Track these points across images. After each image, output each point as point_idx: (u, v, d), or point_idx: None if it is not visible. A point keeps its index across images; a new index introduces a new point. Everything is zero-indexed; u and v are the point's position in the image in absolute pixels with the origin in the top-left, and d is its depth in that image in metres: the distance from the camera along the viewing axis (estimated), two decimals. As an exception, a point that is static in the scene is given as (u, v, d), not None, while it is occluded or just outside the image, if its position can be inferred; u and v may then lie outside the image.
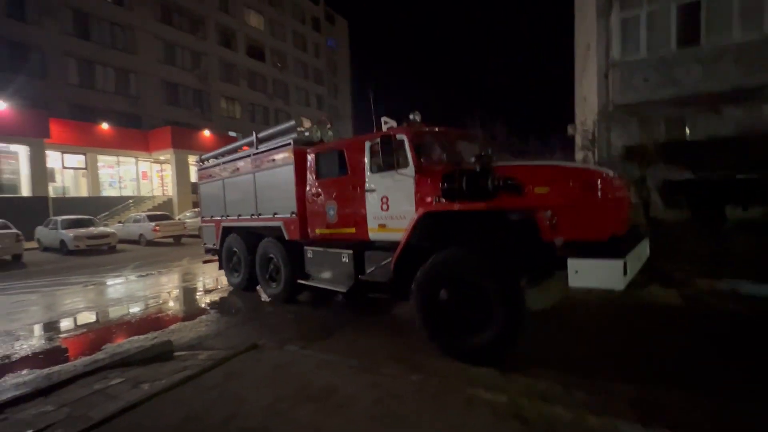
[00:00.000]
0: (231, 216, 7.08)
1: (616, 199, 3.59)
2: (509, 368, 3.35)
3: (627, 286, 3.15)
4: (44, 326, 5.60)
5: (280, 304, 6.02)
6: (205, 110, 29.86)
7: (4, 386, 3.61)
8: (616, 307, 5.23)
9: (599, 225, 3.38)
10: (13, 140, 17.69)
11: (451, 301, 3.68)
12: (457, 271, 3.67)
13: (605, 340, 4.11)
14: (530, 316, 3.53)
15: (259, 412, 2.71)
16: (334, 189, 5.22)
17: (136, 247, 15.39)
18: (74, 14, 22.66)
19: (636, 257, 3.47)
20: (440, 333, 3.76)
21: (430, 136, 4.76)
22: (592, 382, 3.07)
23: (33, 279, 9.15)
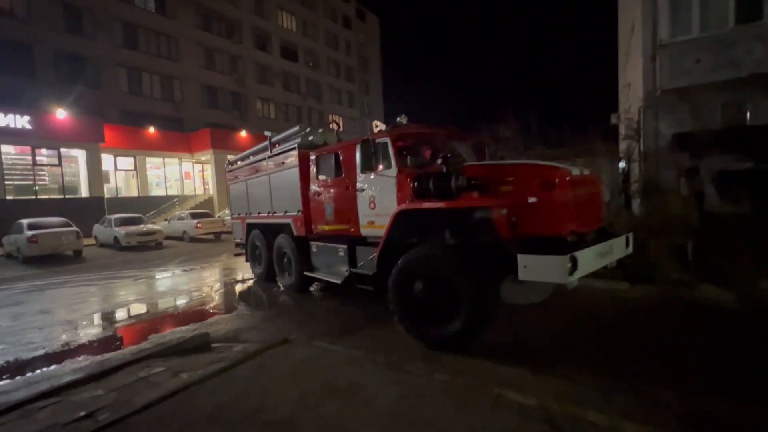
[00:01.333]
0: (253, 213, 7.72)
1: (577, 198, 3.68)
2: (541, 369, 3.21)
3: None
4: (100, 316, 6.08)
5: (312, 301, 6.18)
6: (242, 112, 31.03)
7: (64, 370, 3.95)
8: (661, 307, 4.89)
9: (555, 222, 3.54)
10: (73, 145, 19.30)
11: (424, 294, 3.87)
12: (428, 266, 3.87)
13: (648, 343, 3.85)
14: (498, 309, 3.75)
15: (286, 405, 2.79)
16: (332, 189, 5.62)
17: (180, 243, 16.31)
18: (124, 27, 24.27)
19: (596, 254, 3.55)
20: (415, 323, 3.98)
21: (414, 138, 4.97)
22: (632, 387, 2.88)
23: (91, 273, 9.96)
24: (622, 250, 4.11)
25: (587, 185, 3.95)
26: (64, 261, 12.22)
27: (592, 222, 3.98)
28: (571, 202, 3.64)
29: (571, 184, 3.68)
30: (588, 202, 3.89)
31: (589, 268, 3.43)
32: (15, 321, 5.81)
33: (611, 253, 3.86)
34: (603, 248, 3.71)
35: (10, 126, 17.03)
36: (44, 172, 18.99)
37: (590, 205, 3.93)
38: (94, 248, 15.56)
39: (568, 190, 3.63)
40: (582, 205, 3.79)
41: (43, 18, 20.94)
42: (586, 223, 3.85)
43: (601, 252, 3.67)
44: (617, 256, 4.03)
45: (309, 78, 38.03)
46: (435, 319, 3.83)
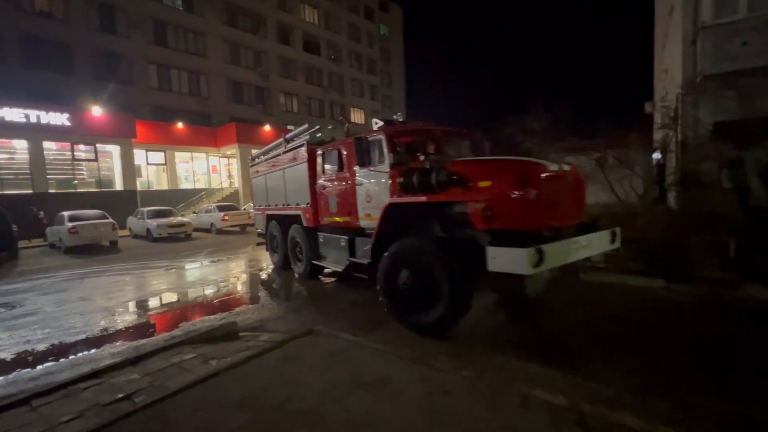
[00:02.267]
0: (271, 205, 8.26)
1: (553, 193, 3.80)
2: (570, 369, 3.12)
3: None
4: (134, 304, 6.36)
5: (336, 293, 6.25)
6: (266, 106, 31.50)
7: (104, 354, 4.16)
8: (700, 306, 4.65)
9: (529, 216, 3.69)
10: (108, 141, 20.19)
11: (409, 282, 4.12)
12: (412, 257, 4.11)
13: (686, 344, 3.67)
14: (470, 300, 3.91)
15: (313, 395, 2.82)
16: (335, 183, 5.96)
17: (208, 235, 16.84)
18: (154, 24, 25.01)
19: (568, 247, 3.66)
20: (401, 310, 4.26)
21: (408, 136, 5.30)
22: (669, 391, 2.75)
23: (126, 262, 10.44)
24: (604, 244, 4.20)
25: (565, 180, 4.06)
26: (101, 251, 12.86)
27: (571, 216, 4.09)
28: (547, 197, 3.75)
29: (548, 180, 3.82)
30: (566, 197, 4.01)
31: (559, 261, 3.59)
32: (59, 307, 6.17)
33: (589, 248, 3.95)
34: (578, 242, 3.80)
35: (52, 123, 17.98)
36: (82, 167, 19.99)
37: (569, 200, 4.05)
38: (128, 239, 16.29)
39: (543, 186, 3.75)
40: (559, 200, 3.91)
41: (81, 18, 21.86)
42: (564, 218, 3.99)
43: (576, 246, 3.77)
44: (598, 250, 4.14)
45: (331, 71, 38.11)
46: (418, 306, 4.07)
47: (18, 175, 17.74)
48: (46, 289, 7.50)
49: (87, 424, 2.62)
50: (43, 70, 20.42)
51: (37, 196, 17.57)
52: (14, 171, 17.71)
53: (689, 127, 7.90)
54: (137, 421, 2.61)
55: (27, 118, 17.28)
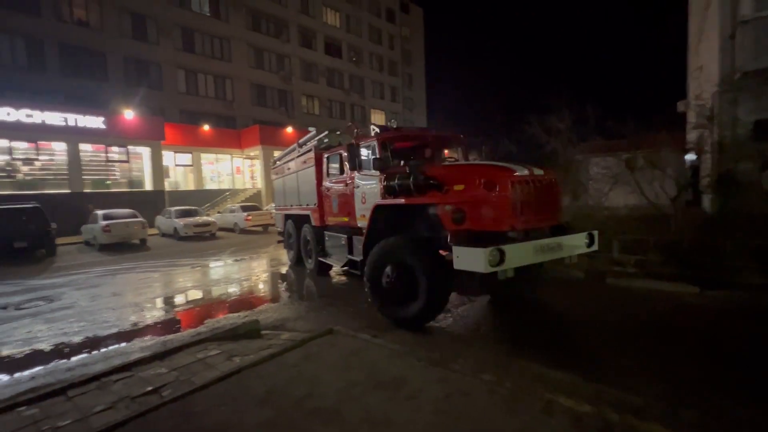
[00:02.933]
0: (288, 206, 8.76)
1: (522, 196, 4.00)
2: (595, 376, 3.02)
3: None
4: (162, 300, 6.60)
5: (355, 293, 6.27)
6: (288, 108, 32.08)
7: (133, 348, 4.34)
8: (736, 314, 4.41)
9: (497, 218, 3.91)
10: (138, 143, 21.06)
11: (392, 278, 4.42)
12: (394, 255, 4.41)
13: (720, 353, 3.48)
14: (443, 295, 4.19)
15: (333, 394, 2.84)
16: (337, 186, 6.34)
17: (232, 234, 17.27)
18: (183, 31, 25.94)
19: (533, 249, 3.84)
20: (385, 303, 4.58)
21: (399, 141, 5.68)
22: (701, 401, 2.62)
23: (154, 260, 10.84)
24: (578, 247, 4.34)
25: (536, 184, 4.21)
26: (131, 248, 13.41)
27: (544, 218, 4.27)
28: (515, 201, 3.96)
29: (516, 184, 4.02)
30: (537, 200, 4.17)
31: (522, 261, 3.74)
32: (92, 301, 6.47)
33: (560, 250, 4.11)
34: (545, 243, 3.97)
35: (88, 126, 18.91)
36: (115, 168, 20.91)
37: (539, 203, 4.20)
38: (156, 237, 16.90)
39: (511, 190, 3.95)
40: (529, 203, 4.09)
41: (114, 27, 22.93)
42: (536, 220, 4.18)
43: (543, 247, 3.94)
44: (571, 252, 4.26)
45: (352, 73, 38.42)
46: (399, 300, 4.39)
47: (57, 176, 18.75)
48: (81, 285, 7.88)
49: (117, 415, 2.73)
50: (79, 77, 21.58)
51: (74, 196, 18.52)
52: (53, 172, 18.72)
53: (726, 126, 7.52)
54: (164, 415, 2.70)
55: (66, 121, 18.24)
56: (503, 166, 4.30)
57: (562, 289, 5.88)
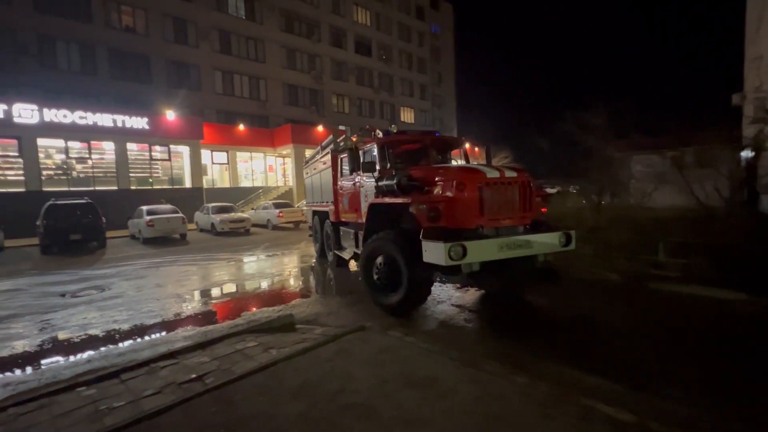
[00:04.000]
0: (314, 202, 9.42)
1: (492, 196, 4.39)
2: (637, 385, 2.90)
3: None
4: (201, 292, 6.93)
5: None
6: (319, 107, 32.64)
7: (177, 337, 4.59)
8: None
9: (465, 216, 4.32)
10: (179, 142, 22.14)
11: (381, 270, 4.89)
12: (383, 248, 4.87)
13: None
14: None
15: (365, 390, 2.90)
16: (348, 185, 6.84)
17: (265, 230, 17.83)
18: (220, 34, 26.98)
19: (498, 245, 4.20)
20: (376, 293, 5.04)
21: (398, 145, 6.13)
22: (753, 415, 2.45)
23: (193, 254, 11.39)
24: (551, 245, 4.57)
25: (507, 186, 4.53)
26: (172, 243, 14.15)
27: (516, 217, 4.56)
28: (481, 201, 4.33)
29: (485, 186, 4.37)
30: (507, 200, 4.51)
31: (484, 257, 4.13)
32: (138, 292, 6.90)
33: (527, 248, 4.39)
34: (512, 241, 4.30)
35: (134, 127, 20.10)
36: (158, 166, 22.10)
37: (509, 203, 4.53)
38: (195, 232, 17.74)
39: (479, 191, 4.32)
40: (499, 203, 4.45)
41: (158, 31, 24.20)
42: (505, 218, 4.50)
43: (509, 244, 4.27)
44: (541, 250, 4.52)
45: (381, 71, 38.50)
46: (386, 289, 4.85)
47: (106, 173, 20.07)
48: (128, 275, 8.42)
49: (165, 399, 2.91)
50: (126, 80, 22.98)
51: (121, 192, 19.76)
52: (103, 170, 20.05)
53: (788, 120, 6.92)
54: (207, 401, 2.86)
55: (114, 122, 19.48)
56: (475, 169, 4.71)
57: (597, 293, 5.66)
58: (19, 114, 16.97)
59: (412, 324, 4.57)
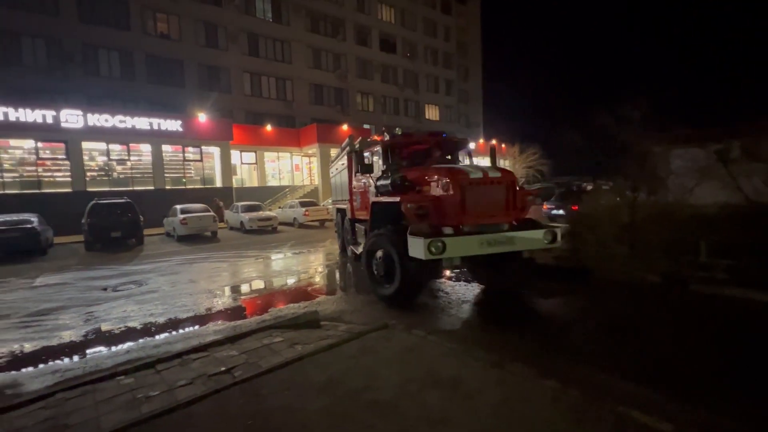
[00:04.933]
0: (337, 200, 9.91)
1: (475, 196, 4.68)
2: (678, 394, 2.74)
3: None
4: (231, 288, 7.16)
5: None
6: (344, 106, 32.90)
7: (208, 331, 4.76)
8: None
9: (449, 214, 4.68)
10: (210, 144, 22.95)
11: (381, 263, 5.26)
12: (381, 243, 5.21)
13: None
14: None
15: (389, 388, 2.89)
16: (359, 184, 7.30)
17: (291, 228, 18.20)
18: (248, 37, 27.72)
19: (478, 242, 4.47)
20: (376, 284, 5.45)
21: (401, 147, 6.48)
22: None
23: (224, 251, 11.79)
24: (535, 242, 4.76)
25: (489, 186, 4.78)
26: (204, 240, 14.70)
27: (499, 215, 4.81)
28: (463, 200, 4.63)
29: (467, 186, 4.66)
30: (490, 199, 4.78)
31: (465, 252, 4.47)
32: (173, 287, 7.21)
33: (510, 244, 4.63)
34: (493, 238, 4.54)
35: (169, 129, 21.01)
36: (190, 166, 23.00)
37: (493, 202, 4.79)
38: (225, 230, 18.35)
39: (460, 191, 4.63)
40: (482, 202, 4.72)
41: (190, 36, 25.18)
42: (487, 216, 4.76)
43: (490, 241, 4.51)
44: (525, 247, 4.76)
45: (406, 68, 38.32)
46: (384, 280, 5.25)
47: (143, 174, 21.10)
48: (163, 271, 8.82)
49: (196, 390, 3.03)
50: (161, 84, 24.08)
51: (157, 192, 20.72)
52: (141, 170, 21.09)
53: None
54: (235, 393, 2.95)
55: (151, 125, 20.44)
56: (460, 170, 4.98)
57: (633, 295, 5.40)
58: (66, 119, 18.12)
59: (435, 323, 4.53)
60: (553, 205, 15.36)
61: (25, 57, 20.55)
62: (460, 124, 44.76)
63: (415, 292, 5.10)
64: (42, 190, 18.11)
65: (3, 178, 17.44)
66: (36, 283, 8.08)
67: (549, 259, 6.86)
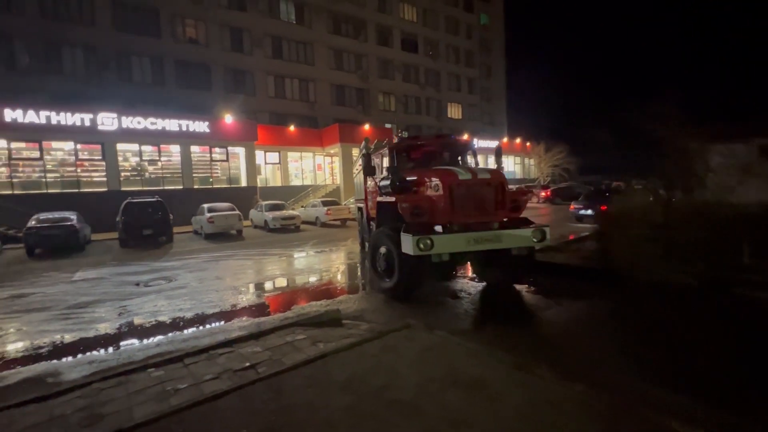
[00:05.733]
0: (358, 199, 10.29)
1: (463, 196, 5.03)
2: (717, 402, 2.57)
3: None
4: (255, 285, 7.31)
5: (428, 290, 6.24)
6: (365, 106, 33.05)
7: (233, 327, 4.88)
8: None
9: (440, 213, 5.04)
10: (236, 144, 23.57)
11: (382, 258, 5.61)
12: (382, 240, 5.54)
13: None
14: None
15: (410, 387, 2.87)
16: (372, 184, 7.74)
17: (313, 227, 18.42)
18: (272, 40, 28.30)
19: (465, 239, 4.75)
20: (378, 278, 5.79)
21: (407, 149, 6.85)
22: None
23: (249, 249, 12.07)
24: (523, 240, 4.95)
25: (478, 186, 5.09)
26: (230, 238, 15.10)
27: (489, 214, 5.08)
28: (452, 200, 4.97)
29: (456, 187, 5.01)
30: (478, 199, 5.08)
31: (453, 249, 4.74)
32: (200, 283, 7.44)
33: (497, 242, 4.87)
34: (481, 236, 4.82)
35: (196, 131, 21.72)
36: (217, 167, 23.69)
37: (481, 201, 5.09)
38: (249, 229, 18.76)
39: (450, 191, 4.98)
40: (471, 202, 5.04)
41: (217, 41, 25.97)
42: (477, 215, 5.04)
43: (478, 239, 4.79)
44: (512, 244, 4.96)
45: (428, 67, 38.08)
46: (385, 275, 5.61)
47: (173, 174, 21.90)
48: (192, 268, 9.11)
49: (222, 385, 3.10)
50: (190, 88, 24.97)
51: (185, 192, 21.45)
52: (171, 170, 21.90)
53: None
54: (260, 389, 2.99)
55: (180, 127, 21.20)
56: (450, 171, 5.31)
57: (669, 297, 5.14)
58: (102, 122, 19.05)
59: (457, 323, 4.46)
60: (581, 205, 14.90)
61: (65, 65, 21.77)
62: (483, 123, 44.05)
63: (412, 287, 5.35)
64: (80, 189, 19.11)
65: (46, 179, 18.51)
66: (75, 277, 8.52)
67: (577, 260, 6.63)
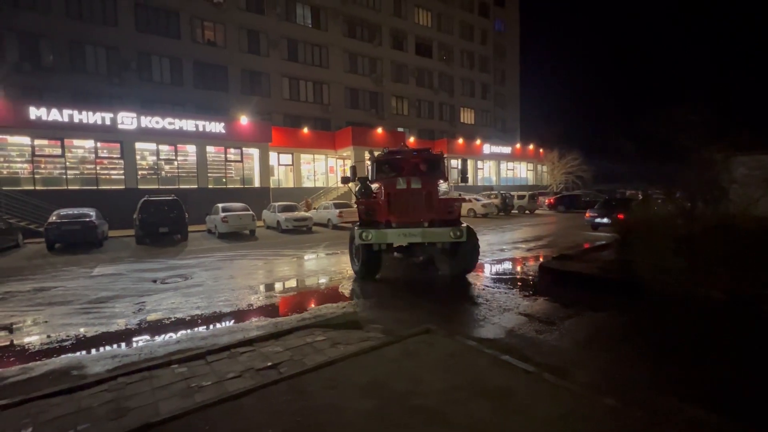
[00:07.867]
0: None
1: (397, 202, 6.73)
2: (753, 423, 2.49)
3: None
4: (270, 285, 7.35)
5: (446, 293, 6.19)
6: (378, 110, 33.15)
7: (251, 326, 4.89)
8: None
9: (383, 214, 6.72)
10: (250, 145, 23.83)
11: (354, 248, 7.39)
12: (352, 234, 7.17)
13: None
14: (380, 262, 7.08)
15: (434, 394, 2.84)
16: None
17: (326, 229, 18.49)
18: (288, 42, 28.64)
19: (397, 233, 6.51)
20: (352, 263, 7.56)
21: (387, 162, 7.82)
22: None
23: (261, 249, 12.15)
24: (443, 235, 6.47)
25: (410, 194, 6.72)
26: (243, 238, 15.23)
27: (420, 216, 6.65)
28: (389, 204, 6.70)
29: (393, 194, 6.73)
30: (410, 204, 6.72)
31: (386, 240, 6.51)
32: (216, 282, 7.50)
33: (421, 237, 6.48)
34: (406, 231, 6.48)
35: (212, 131, 22.03)
36: (231, 167, 23.97)
37: (413, 206, 6.72)
38: (262, 229, 18.91)
39: (388, 197, 6.73)
40: (405, 206, 6.70)
41: (234, 43, 26.35)
42: (410, 216, 6.65)
43: (405, 234, 6.49)
44: (435, 239, 6.56)
45: (442, 72, 38.08)
46: (357, 261, 7.22)
47: (189, 173, 22.23)
48: (207, 266, 9.21)
49: (245, 383, 3.11)
50: (207, 89, 25.34)
51: (200, 191, 21.74)
52: (186, 170, 22.23)
53: None
54: (282, 389, 2.99)
55: (196, 127, 21.53)
56: (392, 182, 6.91)
57: (695, 313, 5.01)
58: (122, 121, 19.46)
59: (478, 330, 4.42)
60: (596, 214, 14.68)
61: (88, 64, 22.31)
62: (496, 128, 43.82)
63: (372, 269, 7.00)
64: (99, 186, 19.50)
65: (66, 176, 18.94)
66: (94, 272, 8.68)
67: (596, 270, 6.52)
